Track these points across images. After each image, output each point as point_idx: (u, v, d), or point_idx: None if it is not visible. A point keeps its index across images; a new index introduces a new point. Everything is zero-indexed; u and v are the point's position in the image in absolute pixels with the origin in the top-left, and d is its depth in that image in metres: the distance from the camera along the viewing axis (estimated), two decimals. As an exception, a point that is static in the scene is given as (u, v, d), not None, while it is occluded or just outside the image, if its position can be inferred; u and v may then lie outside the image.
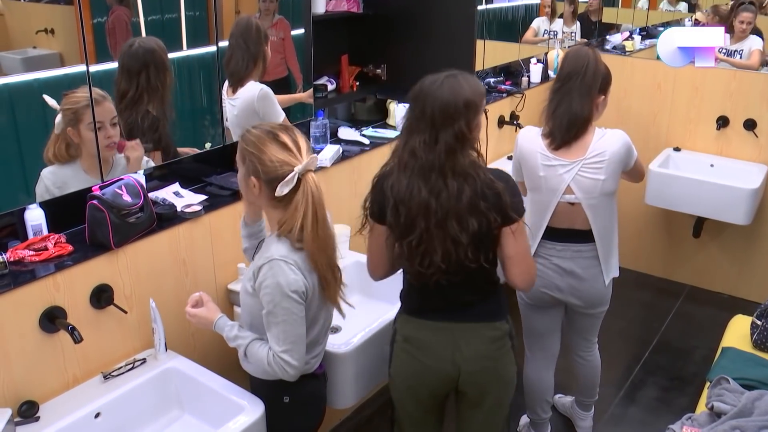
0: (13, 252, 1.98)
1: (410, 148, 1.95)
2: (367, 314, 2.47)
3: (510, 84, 4.19)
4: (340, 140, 3.14)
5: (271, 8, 2.85)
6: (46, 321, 1.96)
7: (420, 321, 2.13)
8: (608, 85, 2.59)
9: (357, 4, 3.43)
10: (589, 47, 2.61)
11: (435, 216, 1.94)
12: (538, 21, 4.41)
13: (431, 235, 1.95)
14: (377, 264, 2.14)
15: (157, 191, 2.42)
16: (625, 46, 4.84)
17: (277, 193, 1.85)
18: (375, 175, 2.07)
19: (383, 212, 2.01)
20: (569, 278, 2.63)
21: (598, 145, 2.51)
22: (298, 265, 1.89)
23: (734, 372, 2.62)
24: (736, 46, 4.29)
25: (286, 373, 1.91)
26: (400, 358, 2.17)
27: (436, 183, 1.93)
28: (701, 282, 4.47)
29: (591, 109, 2.50)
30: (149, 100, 2.35)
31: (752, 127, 4.02)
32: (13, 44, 2.02)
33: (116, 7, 2.21)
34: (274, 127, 1.91)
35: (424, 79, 1.98)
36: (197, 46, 2.50)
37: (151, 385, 2.14)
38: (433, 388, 2.17)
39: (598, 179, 2.51)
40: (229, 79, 2.65)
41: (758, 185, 3.80)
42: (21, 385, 1.95)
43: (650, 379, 3.56)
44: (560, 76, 2.56)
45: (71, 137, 2.12)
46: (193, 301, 2.08)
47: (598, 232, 2.58)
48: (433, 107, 1.91)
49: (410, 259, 2.00)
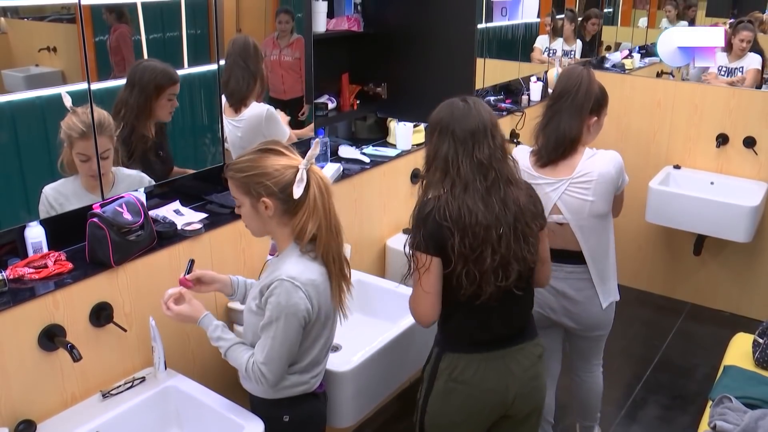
0: (12, 269, 1.98)
1: (455, 169, 1.96)
2: (367, 333, 2.47)
3: (510, 102, 4.21)
4: (341, 158, 3.15)
5: (288, 28, 2.85)
6: (45, 339, 1.95)
7: (472, 356, 2.06)
8: (602, 107, 2.55)
9: (358, 23, 3.45)
10: (584, 67, 2.59)
11: (506, 226, 1.95)
12: (540, 39, 4.44)
13: (508, 247, 1.95)
14: (434, 304, 2.00)
15: (157, 209, 2.42)
16: (624, 64, 4.87)
17: (295, 195, 1.86)
18: (414, 215, 2.01)
19: (441, 244, 1.94)
20: (562, 300, 2.60)
21: (585, 165, 2.48)
22: (307, 287, 1.89)
23: (737, 391, 2.61)
24: (735, 64, 4.32)
25: (261, 384, 1.94)
26: (443, 396, 2.09)
27: (496, 194, 1.96)
28: (702, 300, 4.46)
29: (580, 130, 2.48)
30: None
31: (752, 144, 4.03)
32: (15, 62, 2.03)
33: (117, 25, 2.23)
34: (259, 145, 1.95)
35: (438, 109, 2.03)
36: (198, 64, 2.51)
37: (150, 403, 2.12)
38: (484, 419, 2.12)
39: (586, 200, 2.47)
40: (229, 99, 2.64)
41: (758, 203, 3.81)
42: (19, 403, 1.94)
43: (652, 397, 3.54)
44: (553, 94, 2.56)
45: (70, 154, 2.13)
46: (171, 297, 2.03)
47: (589, 254, 2.54)
48: (469, 125, 1.96)
49: (477, 280, 1.94)
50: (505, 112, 4.03)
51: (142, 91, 2.31)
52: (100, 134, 2.15)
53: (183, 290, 2.05)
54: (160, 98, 2.37)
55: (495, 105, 4.09)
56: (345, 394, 2.29)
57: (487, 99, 4.11)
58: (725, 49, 4.32)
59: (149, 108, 2.35)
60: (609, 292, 2.63)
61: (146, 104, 2.33)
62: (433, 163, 2.00)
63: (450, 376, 2.06)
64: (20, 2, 2.03)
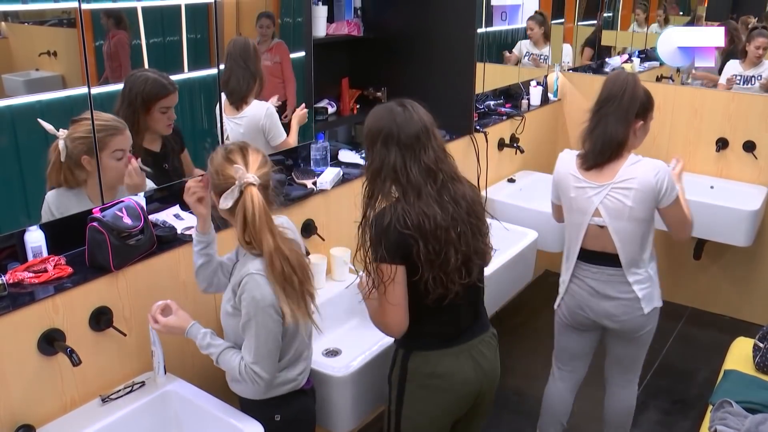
0: (12, 274, 1.98)
1: (405, 176, 1.96)
2: (366, 337, 2.46)
3: (510, 107, 4.21)
4: (341, 163, 3.15)
5: (269, 33, 2.86)
6: (45, 343, 1.95)
7: (440, 351, 2.08)
8: (647, 111, 2.57)
9: (358, 27, 3.46)
10: (629, 72, 2.61)
11: (462, 224, 1.99)
12: (520, 44, 4.40)
13: (467, 244, 2.00)
14: (404, 313, 2.01)
15: (157, 213, 2.42)
16: (624, 68, 4.87)
17: (220, 206, 1.93)
18: (372, 228, 1.99)
19: (406, 252, 1.95)
20: (603, 301, 2.62)
21: (627, 171, 2.50)
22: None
23: (737, 395, 2.60)
24: (751, 72, 4.25)
25: (257, 384, 1.95)
26: (419, 396, 2.11)
27: (447, 194, 1.99)
28: (702, 304, 4.45)
29: (626, 134, 2.50)
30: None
31: (751, 148, 4.03)
32: (16, 66, 2.03)
33: (115, 31, 2.23)
34: (229, 144, 1.98)
35: (376, 117, 2.02)
36: (198, 68, 2.51)
37: (149, 408, 2.12)
38: (457, 412, 2.17)
39: (625, 205, 2.49)
40: (230, 98, 2.67)
41: (758, 207, 3.80)
42: (18, 408, 1.94)
43: (652, 402, 3.54)
44: (599, 99, 2.58)
45: (84, 165, 2.12)
46: (158, 309, 2.05)
47: (625, 259, 2.55)
48: (413, 130, 1.97)
49: (444, 282, 1.97)
50: (505, 117, 4.03)
51: (129, 104, 2.29)
52: (125, 128, 2.20)
53: (169, 302, 2.07)
54: (150, 112, 2.35)
55: (495, 109, 4.10)
56: (345, 398, 2.29)
57: (487, 103, 4.12)
58: (740, 57, 4.28)
59: (138, 122, 2.31)
60: (651, 298, 2.63)
61: (135, 118, 2.30)
62: (381, 173, 1.99)
63: (423, 374, 2.09)
64: (21, 7, 2.03)
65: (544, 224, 3.54)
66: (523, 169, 4.30)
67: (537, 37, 4.40)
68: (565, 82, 4.59)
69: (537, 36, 4.40)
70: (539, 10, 4.42)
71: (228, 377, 2.14)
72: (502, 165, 4.09)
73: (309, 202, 2.77)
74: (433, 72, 3.54)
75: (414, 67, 3.57)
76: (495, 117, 4.01)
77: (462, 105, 3.59)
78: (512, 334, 4.09)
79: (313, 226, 2.79)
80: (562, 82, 4.59)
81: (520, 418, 3.42)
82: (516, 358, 3.87)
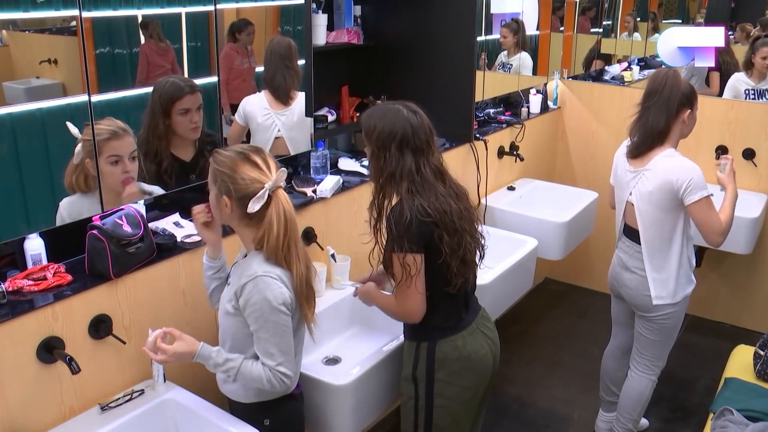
0: (11, 281, 1.98)
1: (420, 176, 2.08)
2: (366, 346, 2.46)
3: (510, 114, 4.22)
4: (341, 171, 3.15)
5: (251, 39, 2.87)
6: (44, 351, 1.95)
7: (461, 334, 2.20)
8: (692, 100, 2.73)
9: (358, 35, 3.47)
10: (669, 68, 2.82)
11: (465, 212, 2.14)
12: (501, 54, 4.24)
13: (472, 232, 2.15)
14: (424, 300, 2.13)
15: (157, 221, 2.42)
16: (623, 76, 4.89)
17: (249, 210, 1.90)
18: (393, 225, 2.07)
19: (428, 238, 2.06)
20: (624, 271, 2.89)
21: (658, 161, 2.71)
22: (282, 279, 1.93)
23: (738, 403, 2.60)
24: (762, 85, 4.19)
25: (284, 384, 1.96)
26: (450, 383, 2.20)
27: (449, 189, 2.14)
28: (703, 312, 4.45)
29: (668, 123, 2.70)
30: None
31: (751, 156, 4.04)
32: (17, 74, 2.04)
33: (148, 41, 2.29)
34: (245, 149, 1.98)
35: (387, 120, 2.09)
36: (199, 76, 2.51)
37: (149, 416, 2.11)
38: (482, 389, 2.29)
39: (647, 188, 2.72)
40: (275, 93, 2.85)
41: (758, 214, 3.81)
42: (16, 416, 1.93)
43: (653, 410, 3.52)
44: (644, 94, 2.79)
45: (88, 169, 2.13)
46: (157, 338, 1.92)
47: (645, 240, 2.77)
48: (425, 134, 2.09)
49: (464, 271, 2.13)
50: (505, 125, 4.04)
51: (152, 109, 2.33)
52: (125, 135, 2.19)
53: (167, 329, 1.97)
54: (170, 115, 2.36)
55: (495, 117, 4.10)
56: (344, 407, 2.28)
57: (487, 111, 4.12)
58: (747, 68, 4.25)
59: (160, 127, 2.34)
60: (663, 286, 2.78)
61: (156, 122, 2.33)
62: (396, 175, 2.07)
63: (452, 359, 2.18)
64: (22, 15, 2.03)
65: (544, 232, 3.55)
66: (523, 177, 4.30)
67: (509, 45, 4.22)
68: (564, 90, 4.60)
69: (509, 44, 4.21)
70: (516, 18, 4.19)
71: (219, 378, 2.13)
72: (502, 173, 4.09)
73: (309, 210, 2.77)
74: (433, 80, 3.54)
75: (414, 75, 3.57)
76: (495, 125, 4.02)
77: (462, 113, 3.59)
78: (512, 342, 4.08)
79: (313, 234, 2.79)
80: (561, 90, 4.60)
81: (520, 426, 3.41)
82: (516, 367, 3.86)
